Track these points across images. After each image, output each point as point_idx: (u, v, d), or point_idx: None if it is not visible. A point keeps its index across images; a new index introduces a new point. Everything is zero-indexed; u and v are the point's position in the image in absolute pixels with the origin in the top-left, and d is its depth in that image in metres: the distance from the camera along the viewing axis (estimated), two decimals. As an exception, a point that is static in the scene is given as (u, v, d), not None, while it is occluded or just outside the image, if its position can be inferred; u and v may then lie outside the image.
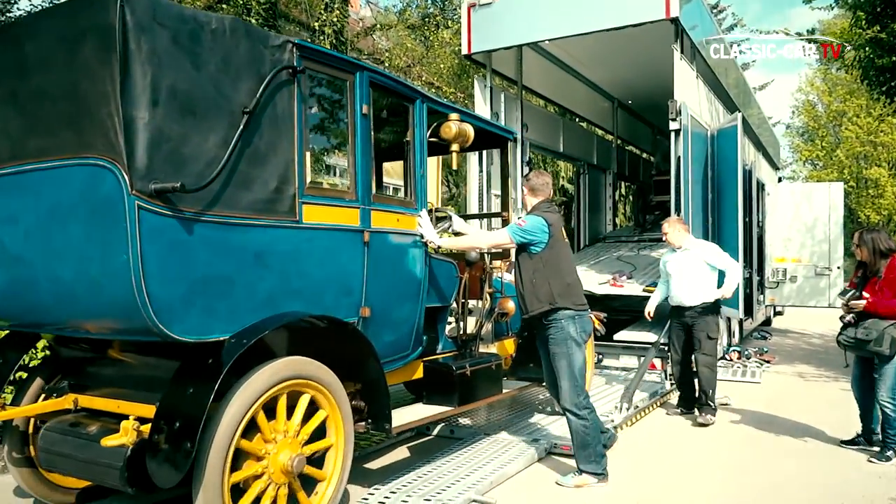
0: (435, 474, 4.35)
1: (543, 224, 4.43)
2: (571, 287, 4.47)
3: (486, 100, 8.95)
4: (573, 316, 4.43)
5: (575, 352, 4.43)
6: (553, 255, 4.42)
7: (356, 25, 17.12)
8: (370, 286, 3.88)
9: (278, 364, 3.24)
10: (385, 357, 4.12)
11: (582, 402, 4.44)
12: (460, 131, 4.54)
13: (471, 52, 8.79)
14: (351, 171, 3.81)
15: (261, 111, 3.22)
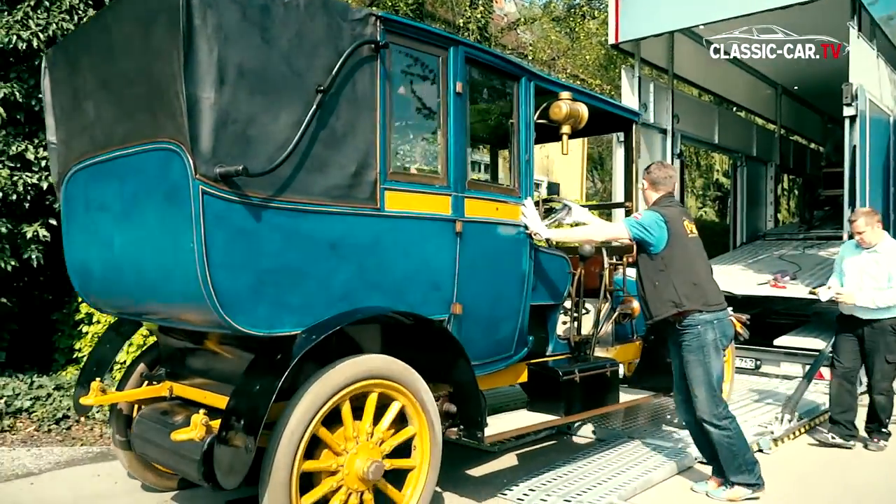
0: (575, 475, 4.18)
1: (660, 220, 3.92)
2: (700, 287, 3.91)
3: (634, 90, 8.53)
4: (711, 320, 3.90)
5: (713, 359, 3.91)
6: (676, 253, 3.92)
7: (500, 21, 17.18)
8: (463, 281, 3.55)
9: (352, 362, 3.01)
10: (482, 358, 3.79)
11: (721, 412, 3.93)
12: (571, 112, 4.08)
13: (618, 42, 8.39)
14: (442, 156, 3.50)
15: (338, 90, 3.00)
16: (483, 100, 3.84)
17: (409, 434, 3.29)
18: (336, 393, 2.94)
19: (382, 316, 3.19)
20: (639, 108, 8.57)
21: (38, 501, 3.87)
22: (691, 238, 4.03)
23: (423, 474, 3.31)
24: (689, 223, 4.09)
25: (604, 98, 4.79)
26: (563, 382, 4.03)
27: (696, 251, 4.03)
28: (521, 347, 4.11)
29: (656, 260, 3.95)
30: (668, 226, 3.93)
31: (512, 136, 3.99)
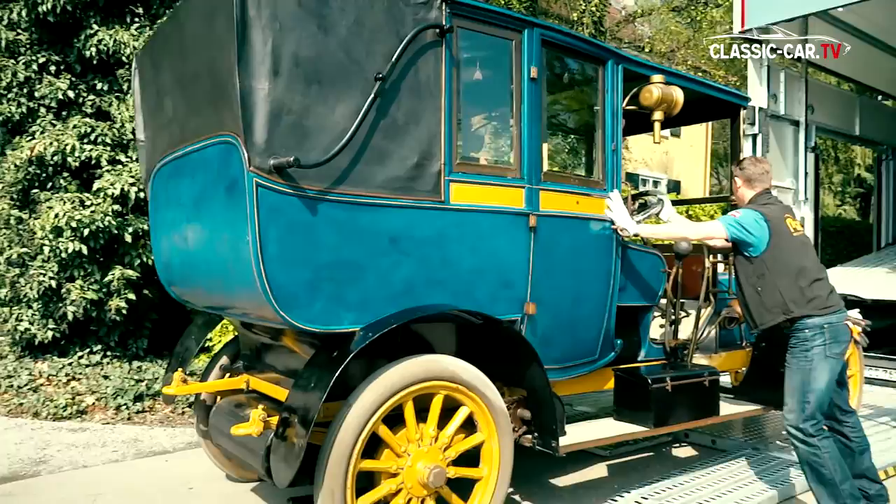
0: (692, 486, 3.95)
1: (760, 219, 3.52)
2: (808, 291, 3.48)
3: (763, 80, 7.87)
4: (820, 325, 3.46)
5: (816, 368, 3.45)
6: (779, 255, 3.51)
7: (616, 14, 16.78)
8: (537, 279, 3.33)
9: (413, 362, 2.87)
10: (560, 362, 3.56)
11: (809, 428, 3.45)
12: (664, 96, 3.74)
13: (744, 29, 7.78)
14: (515, 146, 3.29)
15: (399, 77, 2.87)
16: (564, 85, 3.60)
17: (477, 441, 3.12)
18: (396, 393, 2.82)
19: (445, 314, 3.04)
20: (768, 100, 7.99)
21: (171, 477, 4.11)
22: (796, 236, 3.60)
23: (491, 486, 3.12)
24: (792, 220, 3.66)
25: (704, 81, 4.38)
26: (653, 391, 3.70)
27: (802, 250, 3.59)
28: (607, 351, 3.82)
29: (757, 263, 3.56)
30: (769, 225, 3.53)
31: (597, 123, 3.71)
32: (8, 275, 5.56)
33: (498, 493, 3.14)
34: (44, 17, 5.55)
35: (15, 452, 4.54)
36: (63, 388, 5.61)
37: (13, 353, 5.90)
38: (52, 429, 5.05)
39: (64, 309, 5.56)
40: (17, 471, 4.25)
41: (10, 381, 5.61)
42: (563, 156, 3.71)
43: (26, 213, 5.67)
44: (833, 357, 3.50)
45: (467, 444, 3.08)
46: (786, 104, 8.23)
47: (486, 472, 3.12)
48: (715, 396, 4.04)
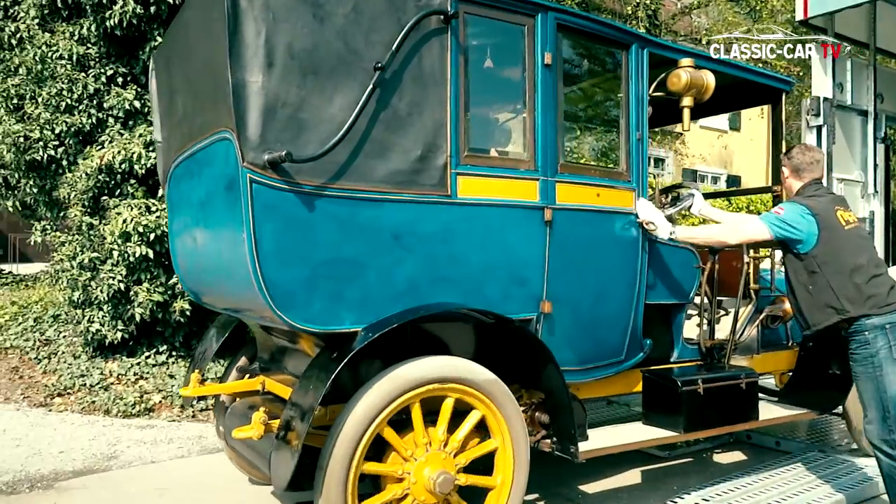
0: (756, 488, 3.82)
1: (806, 213, 3.25)
2: (865, 288, 3.19)
3: (827, 69, 7.55)
4: (882, 325, 3.18)
5: (888, 372, 3.17)
6: (831, 250, 3.23)
7: (671, 7, 16.53)
8: (554, 276, 3.17)
9: (418, 363, 2.75)
10: (583, 363, 3.39)
11: (894, 440, 3.17)
12: (693, 81, 3.53)
13: (807, 17, 7.47)
14: (529, 136, 3.13)
15: (400, 67, 2.76)
16: (583, 71, 3.42)
17: (489, 448, 2.97)
18: (402, 395, 2.71)
19: (452, 313, 2.91)
20: (833, 89, 7.63)
21: (234, 472, 4.11)
22: (849, 229, 3.31)
23: (504, 495, 2.97)
24: (844, 212, 3.36)
25: (739, 64, 4.12)
26: (683, 394, 3.48)
27: (857, 244, 3.29)
28: (634, 352, 3.63)
29: (807, 260, 3.29)
30: (817, 219, 3.25)
31: (620, 111, 3.52)
32: (80, 278, 5.79)
33: (518, 475, 2.98)
34: (111, 31, 5.76)
35: (88, 448, 4.74)
36: (132, 386, 5.83)
37: (85, 354, 6.14)
38: (122, 425, 5.25)
39: (132, 311, 5.75)
40: (91, 465, 4.44)
41: (84, 380, 5.85)
42: (583, 146, 3.52)
43: (97, 219, 5.91)
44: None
45: (479, 450, 2.95)
46: (853, 93, 7.88)
47: (500, 481, 2.98)
48: (753, 400, 3.79)
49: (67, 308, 6.29)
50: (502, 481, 2.97)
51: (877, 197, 8.36)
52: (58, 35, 6.00)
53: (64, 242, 6.00)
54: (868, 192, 8.25)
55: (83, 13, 5.98)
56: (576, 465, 3.19)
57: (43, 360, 6.20)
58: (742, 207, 9.60)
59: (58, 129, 5.90)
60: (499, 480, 2.98)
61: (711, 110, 4.73)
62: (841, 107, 7.73)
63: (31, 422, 5.20)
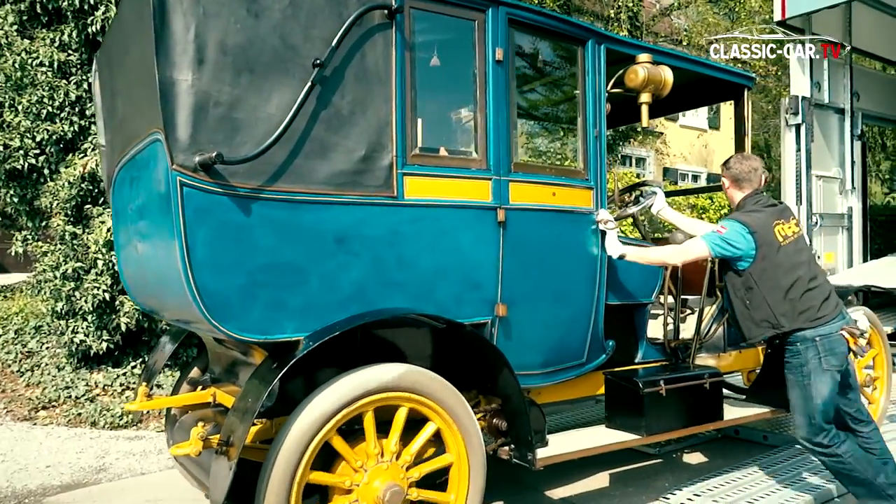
0: (746, 482, 3.88)
1: (745, 232, 3.28)
2: (798, 303, 3.26)
3: (805, 69, 7.75)
4: (812, 337, 3.26)
5: (815, 382, 3.27)
6: (767, 267, 3.28)
7: (651, 8, 16.82)
8: (509, 278, 3.07)
9: (363, 373, 2.64)
10: (541, 367, 3.30)
11: (824, 441, 3.27)
12: (651, 77, 3.46)
13: (785, 18, 7.65)
14: (481, 134, 3.04)
15: (342, 64, 2.65)
16: (538, 68, 3.33)
17: (444, 464, 2.86)
18: (349, 403, 2.59)
19: (401, 318, 2.80)
20: (811, 88, 7.77)
21: None
22: (787, 245, 3.32)
23: (464, 480, 2.86)
24: (783, 225, 3.36)
25: (700, 60, 4.05)
26: (645, 395, 3.40)
27: (793, 259, 3.31)
28: (596, 354, 3.55)
29: (745, 276, 3.34)
30: (755, 237, 3.28)
31: (577, 108, 3.44)
32: (64, 288, 5.66)
33: (473, 489, 2.88)
34: (93, 38, 5.63)
35: (76, 461, 4.65)
36: (118, 397, 5.71)
37: (70, 365, 6.02)
38: (110, 437, 5.14)
39: (117, 320, 5.66)
40: (80, 479, 4.35)
41: (69, 392, 5.73)
42: (539, 144, 3.44)
43: (80, 229, 5.78)
44: (831, 369, 3.26)
45: (432, 465, 2.84)
46: (830, 92, 8.08)
47: (454, 498, 2.86)
48: (717, 399, 3.73)
49: (50, 319, 6.16)
50: (456, 498, 2.87)
51: (854, 193, 8.56)
52: (38, 41, 5.86)
53: (46, 252, 5.88)
54: (846, 189, 8.45)
55: (64, 19, 5.85)
56: (567, 462, 3.22)
57: (26, 373, 6.08)
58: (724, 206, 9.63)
59: (39, 138, 5.76)
60: (452, 497, 2.87)
61: (674, 107, 4.68)
62: (819, 105, 7.89)
63: (16, 436, 5.09)
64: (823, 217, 8.11)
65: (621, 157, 18.96)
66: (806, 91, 7.72)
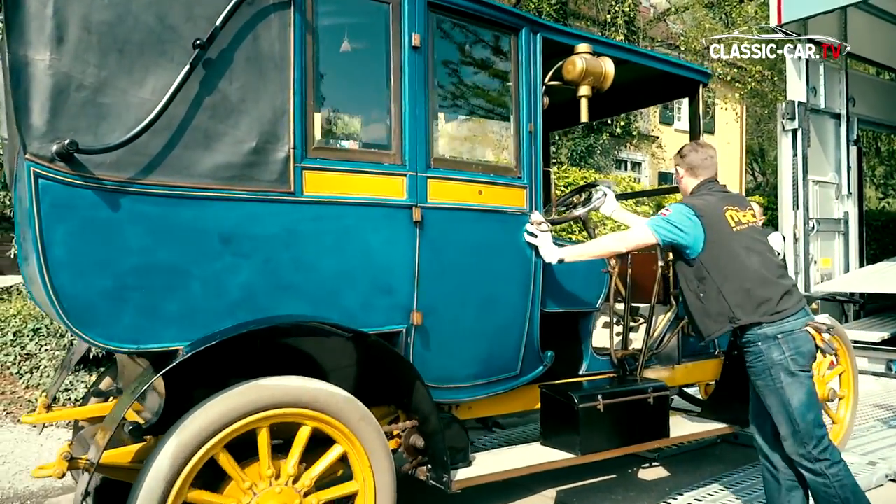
0: (747, 486, 3.85)
1: (691, 214, 3.00)
2: (755, 293, 2.94)
3: (801, 74, 7.73)
4: (774, 335, 2.93)
5: (788, 384, 2.93)
6: (719, 254, 2.99)
7: (647, 13, 16.80)
8: (427, 283, 2.83)
9: (251, 387, 2.38)
10: (466, 380, 3.05)
11: (814, 452, 2.92)
12: (589, 68, 3.23)
13: (781, 23, 7.62)
14: (395, 127, 2.79)
15: (230, 46, 2.40)
16: (465, 56, 3.09)
17: (347, 492, 2.61)
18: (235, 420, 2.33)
19: (299, 326, 2.54)
20: (807, 93, 7.73)
21: None
22: (740, 230, 3.05)
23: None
24: (735, 212, 3.10)
25: (650, 54, 3.82)
26: (580, 411, 3.16)
27: (748, 245, 3.03)
28: (532, 366, 3.30)
29: (696, 266, 3.05)
30: (702, 220, 3.01)
31: (510, 101, 3.21)
32: None
33: None
34: None
35: None
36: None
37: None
38: None
39: None
40: None
41: (69, 395, 5.58)
42: (465, 139, 3.22)
43: None
44: (801, 371, 2.96)
45: (332, 493, 2.58)
46: (826, 97, 8.09)
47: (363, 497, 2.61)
48: (662, 415, 3.48)
49: (49, 321, 5.99)
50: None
51: (850, 198, 8.55)
52: None
53: None
54: (842, 194, 8.44)
55: None
56: (570, 467, 3.21)
57: (25, 375, 5.90)
58: None
59: None
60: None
61: (626, 104, 4.47)
62: (815, 110, 7.88)
63: (16, 438, 4.95)
64: (820, 222, 8.03)
65: (616, 162, 18.87)
66: (802, 96, 7.70)
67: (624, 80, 4.14)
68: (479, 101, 3.21)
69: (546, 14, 12.52)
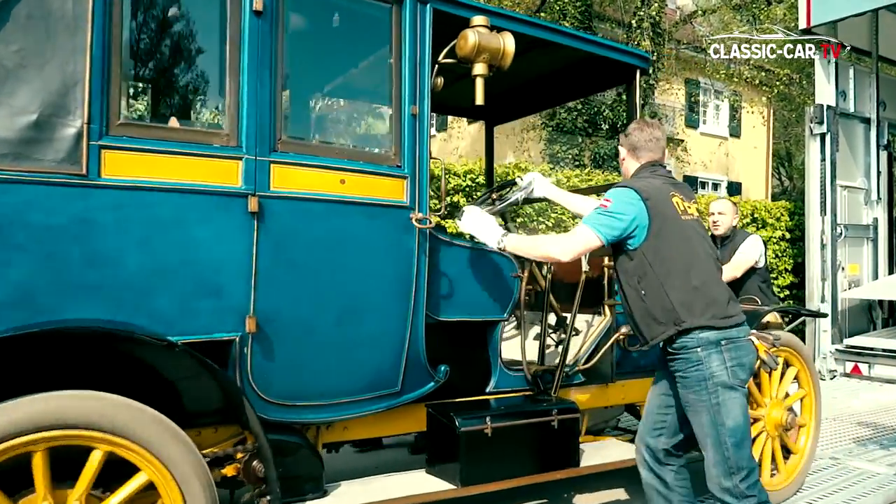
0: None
1: (635, 198, 2.61)
2: (704, 292, 2.57)
3: (830, 77, 7.59)
4: (717, 340, 2.55)
5: (724, 400, 2.55)
6: (664, 245, 2.60)
7: (673, 16, 16.64)
8: (267, 284, 2.44)
9: (21, 403, 2.00)
10: (328, 397, 2.65)
11: (741, 486, 2.54)
12: (482, 44, 2.82)
13: (810, 26, 7.46)
14: (231, 103, 2.42)
15: (5, 2, 2.06)
16: (331, 25, 2.71)
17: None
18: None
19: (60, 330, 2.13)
20: (836, 97, 7.52)
21: None
22: (689, 221, 2.67)
23: None
24: (681, 201, 2.72)
25: (565, 31, 3.37)
26: (462, 436, 2.74)
27: (696, 239, 2.65)
28: (419, 381, 2.90)
29: (637, 258, 2.64)
30: (647, 204, 2.61)
31: (389, 80, 2.81)
32: None
33: None
34: None
35: None
36: None
37: None
38: None
39: None
40: None
41: None
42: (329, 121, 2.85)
43: None
44: (740, 385, 2.58)
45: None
46: (855, 101, 7.94)
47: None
48: (569, 441, 3.04)
49: None
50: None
51: (880, 204, 8.40)
52: None
53: None
54: (871, 199, 8.29)
55: None
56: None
57: None
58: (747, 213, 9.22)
59: None
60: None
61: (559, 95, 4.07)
62: (844, 115, 7.76)
63: None
64: (848, 228, 7.86)
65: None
66: (831, 100, 7.54)
67: (553, 66, 3.76)
68: (348, 78, 2.82)
69: (570, 16, 12.41)
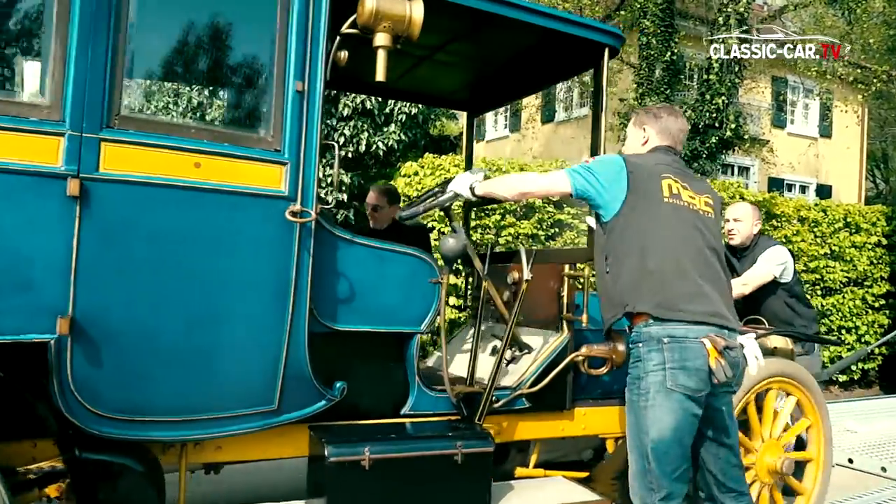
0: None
1: (617, 165, 2.47)
2: (658, 278, 2.33)
3: None
4: (660, 336, 2.29)
5: (654, 406, 2.28)
6: (632, 222, 2.42)
7: (761, 11, 15.94)
8: (92, 281, 2.11)
9: None
10: (173, 414, 2.31)
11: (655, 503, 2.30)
12: (380, 10, 2.41)
13: None
14: (54, 70, 2.10)
15: None
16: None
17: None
18: None
19: None
20: None
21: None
22: (679, 206, 2.41)
23: None
24: (679, 186, 2.45)
25: (513, 3, 2.88)
26: (331, 467, 2.32)
27: (677, 226, 2.38)
28: (303, 398, 2.51)
29: (609, 232, 2.48)
30: (629, 176, 2.41)
31: (269, 51, 2.44)
32: None
33: None
34: None
35: None
36: None
37: None
38: None
39: None
40: None
41: None
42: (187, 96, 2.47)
43: None
44: (680, 391, 2.25)
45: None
46: None
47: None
48: (477, 482, 2.56)
49: None
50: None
51: None
52: None
53: None
54: None
55: None
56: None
57: None
58: (838, 218, 8.51)
59: None
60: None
61: (527, 84, 3.59)
62: None
63: None
64: None
65: (723, 166, 17.58)
66: None
67: (518, 49, 3.31)
68: (217, 44, 2.46)
69: (651, 14, 11.97)
